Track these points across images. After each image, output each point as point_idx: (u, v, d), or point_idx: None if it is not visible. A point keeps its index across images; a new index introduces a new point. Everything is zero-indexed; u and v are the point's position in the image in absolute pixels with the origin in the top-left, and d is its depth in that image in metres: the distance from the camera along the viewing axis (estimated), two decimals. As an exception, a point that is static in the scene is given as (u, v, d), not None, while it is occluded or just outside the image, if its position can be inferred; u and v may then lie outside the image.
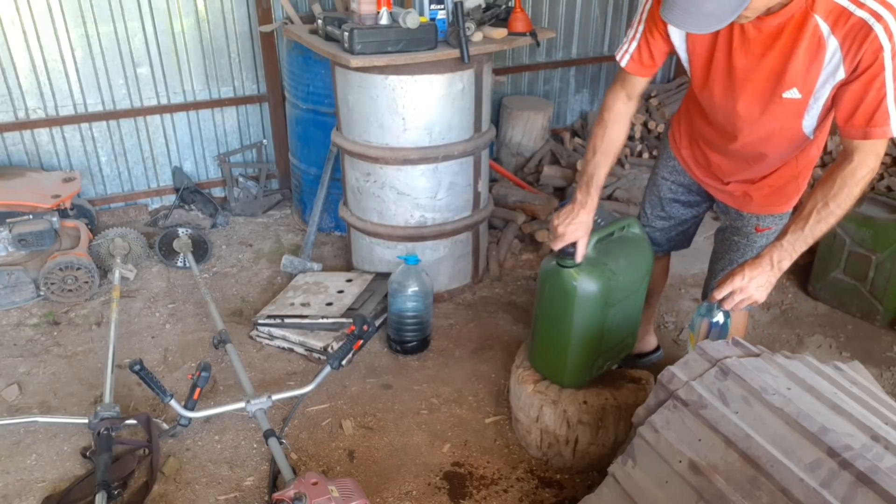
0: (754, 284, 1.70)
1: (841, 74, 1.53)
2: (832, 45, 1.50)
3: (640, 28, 1.81)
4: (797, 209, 1.71)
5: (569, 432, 2.21)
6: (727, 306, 1.76)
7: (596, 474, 2.26)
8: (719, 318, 1.89)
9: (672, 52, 1.84)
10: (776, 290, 3.32)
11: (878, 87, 1.48)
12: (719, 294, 1.74)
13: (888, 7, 1.43)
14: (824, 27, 1.49)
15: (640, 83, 1.91)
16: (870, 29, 1.43)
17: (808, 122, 1.72)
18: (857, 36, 1.46)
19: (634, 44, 1.83)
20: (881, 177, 3.18)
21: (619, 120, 1.96)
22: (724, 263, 2.20)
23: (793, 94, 1.63)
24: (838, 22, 1.47)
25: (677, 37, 1.77)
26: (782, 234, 1.69)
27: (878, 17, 1.43)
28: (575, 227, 1.98)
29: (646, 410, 1.77)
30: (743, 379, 1.64)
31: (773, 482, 1.46)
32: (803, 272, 3.37)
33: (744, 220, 2.10)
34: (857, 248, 3.01)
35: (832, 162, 1.70)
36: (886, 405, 1.70)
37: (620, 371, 2.39)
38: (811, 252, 3.29)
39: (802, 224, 1.65)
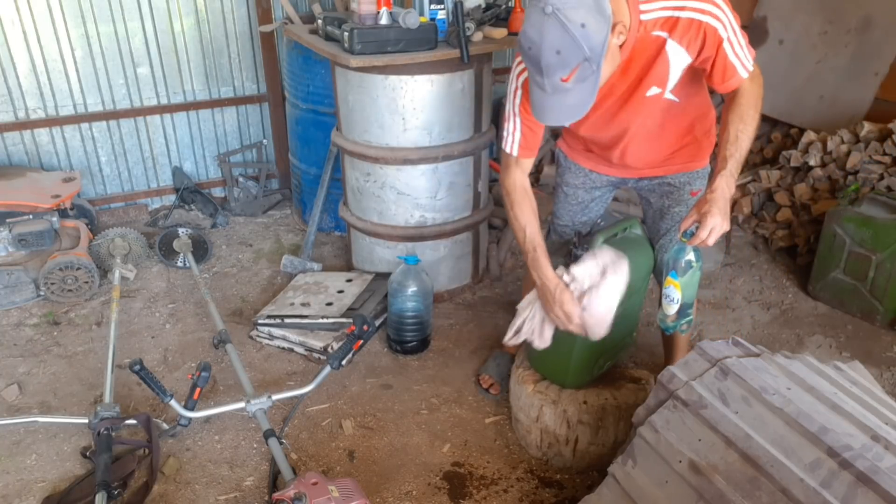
0: (723, 217, 1.81)
1: (688, 59, 1.80)
2: (672, 45, 1.76)
3: (517, 120, 1.96)
4: (719, 143, 1.88)
5: (569, 432, 2.21)
6: (710, 242, 1.81)
7: (596, 474, 2.26)
8: (691, 255, 1.93)
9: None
10: (776, 290, 3.33)
11: (722, 56, 1.77)
12: (703, 234, 1.81)
13: (705, 1, 1.71)
14: (662, 34, 1.75)
15: (529, 162, 2.06)
16: (700, 22, 1.72)
17: (668, 94, 1.92)
18: (689, 30, 1.73)
19: (518, 133, 1.98)
20: (881, 177, 3.17)
21: (526, 193, 2.05)
22: (672, 236, 2.26)
23: (652, 90, 1.87)
24: (673, 28, 1.73)
25: None
26: (721, 163, 1.83)
27: (703, 12, 1.71)
28: (567, 300, 1.99)
29: (646, 410, 1.77)
30: (743, 379, 1.64)
31: (773, 482, 1.46)
32: (803, 272, 3.37)
33: (678, 190, 2.20)
34: (857, 248, 3.00)
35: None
36: (886, 405, 1.71)
37: (620, 371, 2.39)
38: (811, 252, 3.30)
39: (733, 149, 1.83)
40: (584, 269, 2.00)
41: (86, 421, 2.33)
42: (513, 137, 1.99)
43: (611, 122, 1.99)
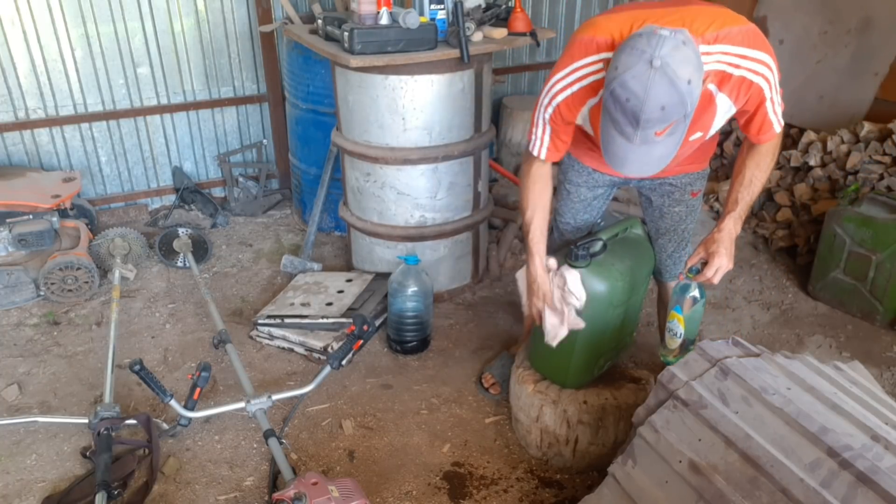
0: (729, 257, 1.91)
1: (733, 110, 1.83)
2: (721, 98, 1.78)
3: (548, 130, 1.94)
4: (732, 183, 1.97)
5: (569, 432, 2.21)
6: (716, 281, 1.92)
7: (596, 474, 2.26)
8: (696, 292, 2.02)
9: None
10: (776, 290, 3.33)
11: (762, 113, 1.82)
12: (710, 273, 1.91)
13: (760, 63, 1.73)
14: (712, 87, 1.76)
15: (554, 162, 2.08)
16: (751, 82, 1.74)
17: (708, 137, 1.99)
18: (741, 87, 1.75)
19: (546, 140, 1.97)
20: (881, 177, 3.17)
21: (541, 179, 2.06)
22: (672, 236, 2.32)
23: (696, 135, 1.89)
24: (723, 82, 1.74)
25: (583, 122, 1.94)
26: (731, 204, 1.94)
27: (755, 73, 1.73)
28: (541, 292, 2.07)
29: (646, 410, 1.77)
30: (743, 379, 1.64)
31: (773, 482, 1.46)
32: (803, 272, 3.37)
33: (679, 190, 2.22)
34: (857, 248, 3.00)
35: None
36: (886, 405, 1.71)
37: (620, 371, 2.39)
38: (811, 252, 3.30)
39: (745, 193, 1.93)
40: (575, 282, 2.04)
41: (86, 421, 2.33)
42: (541, 142, 1.97)
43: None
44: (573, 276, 2.03)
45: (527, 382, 2.28)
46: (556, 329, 2.07)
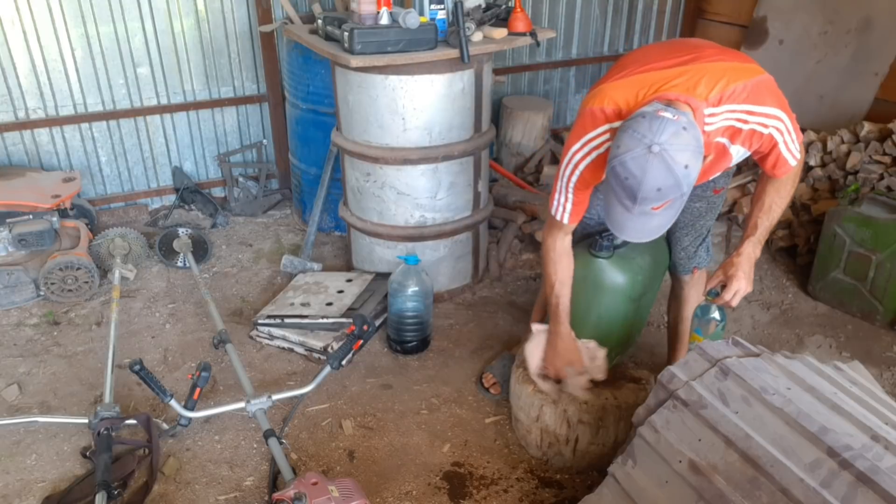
0: (747, 281, 1.95)
1: (748, 153, 1.90)
2: (734, 148, 1.85)
3: (570, 196, 1.98)
4: (752, 208, 2.01)
5: (569, 432, 2.21)
6: (734, 304, 1.95)
7: (596, 474, 2.26)
8: (716, 314, 2.06)
9: None
10: (776, 290, 3.33)
11: (776, 153, 1.86)
12: (728, 296, 1.95)
13: (768, 117, 1.78)
14: (724, 141, 1.83)
15: (574, 227, 2.11)
16: (761, 133, 1.79)
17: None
18: (752, 138, 1.81)
19: (570, 205, 2.00)
20: (881, 177, 3.17)
21: (566, 254, 2.12)
22: (690, 230, 2.34)
23: (716, 175, 2.05)
24: (734, 136, 1.81)
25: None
26: (751, 229, 1.98)
27: (765, 126, 1.78)
28: (569, 356, 2.17)
29: (646, 410, 1.77)
30: (743, 379, 1.64)
31: (773, 482, 1.46)
32: (803, 272, 3.37)
33: (701, 187, 2.23)
34: (857, 248, 3.00)
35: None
36: (886, 405, 1.71)
37: (620, 371, 2.39)
38: (811, 252, 3.30)
39: (765, 218, 1.97)
40: (600, 358, 2.17)
41: (86, 421, 2.33)
42: (563, 209, 2.01)
43: None
44: (598, 350, 2.16)
45: (527, 382, 2.28)
46: (577, 389, 2.20)
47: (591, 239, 2.16)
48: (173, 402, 2.28)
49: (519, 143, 4.37)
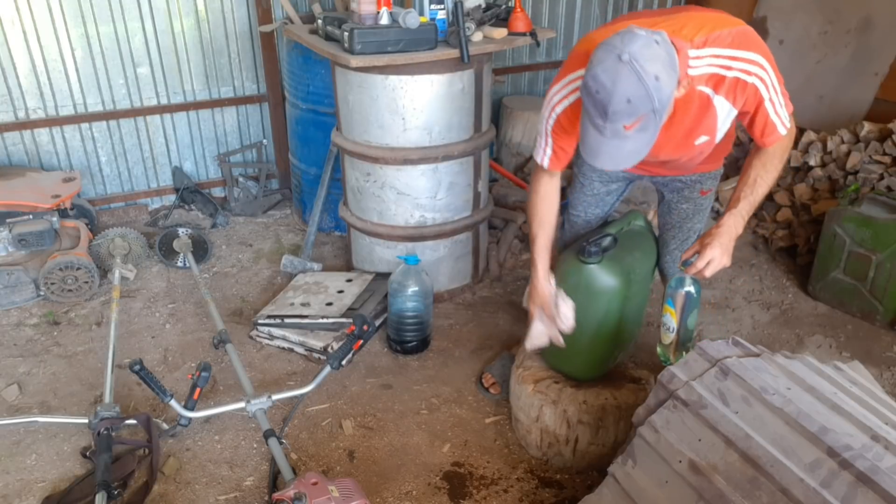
0: (724, 252, 1.90)
1: (734, 112, 1.85)
2: (719, 100, 1.80)
3: (550, 141, 1.99)
4: (738, 183, 1.97)
5: (569, 432, 2.21)
6: (707, 274, 1.91)
7: (596, 474, 2.26)
8: (691, 287, 2.01)
9: None
10: (776, 290, 3.33)
11: (763, 114, 1.82)
12: (700, 264, 1.91)
13: (751, 63, 1.76)
14: (708, 91, 1.79)
15: (560, 173, 2.11)
16: (745, 83, 1.76)
17: (718, 140, 2.00)
18: (736, 89, 1.78)
19: (549, 151, 2.01)
20: (881, 177, 3.17)
21: (547, 196, 2.11)
22: (676, 232, 2.33)
23: (702, 139, 1.93)
24: (717, 85, 1.78)
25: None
26: (734, 202, 1.93)
27: (748, 73, 1.75)
28: (539, 300, 2.14)
29: (646, 410, 1.77)
30: (743, 379, 1.64)
31: (773, 482, 1.46)
32: (803, 272, 3.37)
33: (689, 188, 2.24)
34: (857, 248, 3.00)
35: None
36: (886, 405, 1.71)
37: (620, 371, 2.39)
38: (811, 252, 3.30)
39: (748, 192, 1.92)
40: (567, 312, 2.13)
41: (86, 421, 2.33)
42: (544, 153, 2.02)
43: (660, 162, 2.08)
44: (567, 306, 2.12)
45: (527, 382, 2.29)
46: (539, 337, 2.17)
47: (578, 245, 2.15)
48: (173, 402, 2.28)
49: (519, 143, 4.37)
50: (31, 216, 3.20)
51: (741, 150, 4.14)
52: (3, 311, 3.13)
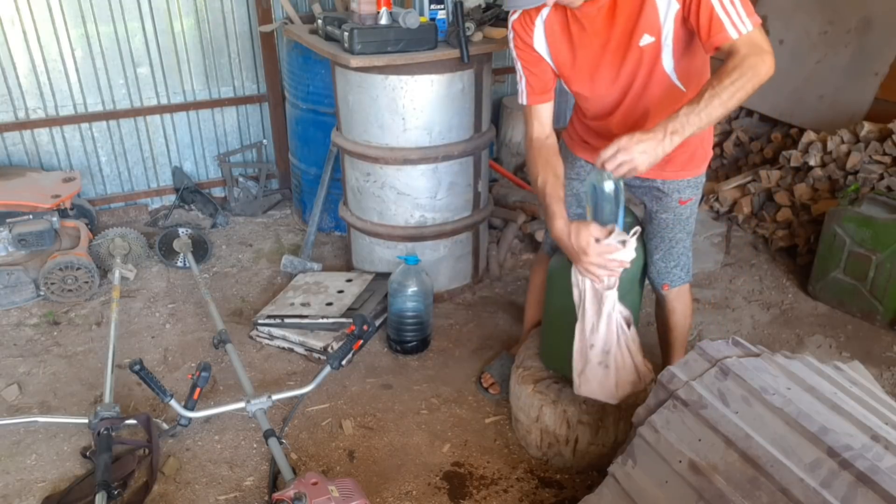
0: (640, 148, 1.66)
1: (676, 6, 1.74)
2: None
3: (518, 65, 2.02)
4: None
5: (569, 432, 2.22)
6: (609, 167, 1.70)
7: (596, 474, 2.26)
8: (608, 185, 1.82)
9: (556, 74, 2.04)
10: (776, 290, 3.33)
11: (707, 6, 1.67)
12: (605, 154, 1.70)
13: None
14: None
15: (546, 110, 2.09)
16: None
17: (667, 62, 1.86)
18: None
19: (523, 81, 2.03)
20: (881, 177, 3.17)
21: (542, 146, 2.07)
22: (657, 242, 2.28)
23: (646, 39, 1.81)
24: None
25: (544, 51, 1.99)
26: (679, 108, 1.68)
27: None
28: (583, 236, 1.93)
29: (646, 410, 1.77)
30: (743, 379, 1.64)
31: (773, 482, 1.46)
32: (803, 272, 3.37)
33: (668, 196, 2.17)
34: (857, 248, 3.00)
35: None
36: (886, 405, 1.71)
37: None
38: (811, 252, 3.30)
39: (698, 99, 1.66)
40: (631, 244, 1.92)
41: (86, 421, 2.33)
42: (520, 87, 2.03)
43: (614, 81, 1.93)
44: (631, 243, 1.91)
45: (527, 382, 2.29)
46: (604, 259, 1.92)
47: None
48: (173, 402, 2.28)
49: (519, 143, 4.37)
50: (31, 216, 3.20)
51: (741, 151, 4.14)
52: (3, 311, 3.13)
